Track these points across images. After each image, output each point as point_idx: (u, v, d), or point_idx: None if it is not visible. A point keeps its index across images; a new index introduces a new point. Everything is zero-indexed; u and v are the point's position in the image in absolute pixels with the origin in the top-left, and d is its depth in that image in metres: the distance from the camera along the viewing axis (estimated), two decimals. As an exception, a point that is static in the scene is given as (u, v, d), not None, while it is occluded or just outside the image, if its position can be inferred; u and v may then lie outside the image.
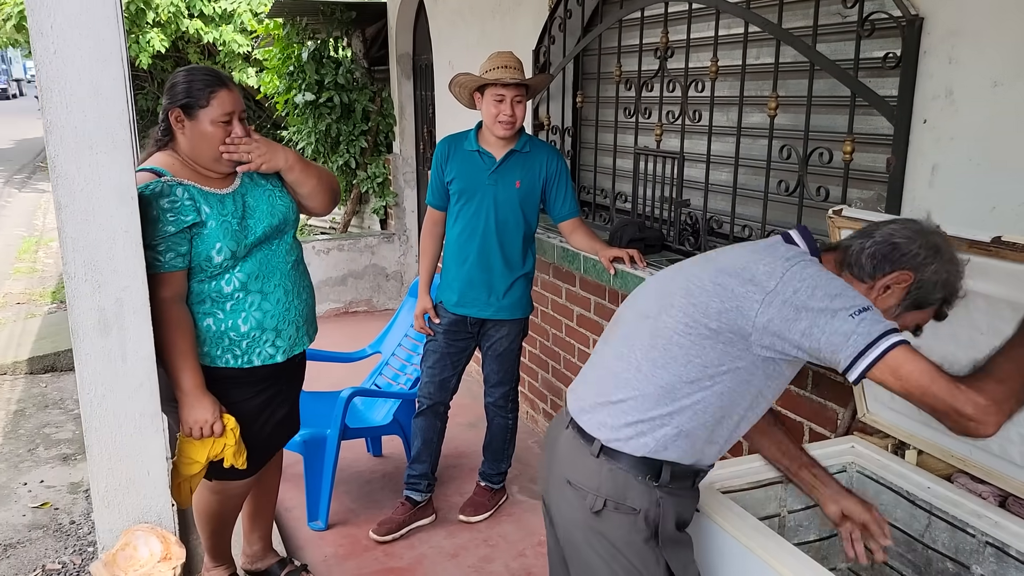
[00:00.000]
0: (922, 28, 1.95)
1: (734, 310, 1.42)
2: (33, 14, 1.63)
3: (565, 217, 2.98)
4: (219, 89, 2.04)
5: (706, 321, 1.44)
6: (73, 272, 1.76)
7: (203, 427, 2.02)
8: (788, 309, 1.37)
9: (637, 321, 1.58)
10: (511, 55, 2.81)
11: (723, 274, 1.47)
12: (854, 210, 1.81)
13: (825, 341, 1.33)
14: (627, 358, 1.54)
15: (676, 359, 1.47)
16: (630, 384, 1.51)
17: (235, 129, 2.07)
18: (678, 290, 1.52)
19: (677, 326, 1.48)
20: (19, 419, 4.13)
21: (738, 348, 1.43)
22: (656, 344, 1.50)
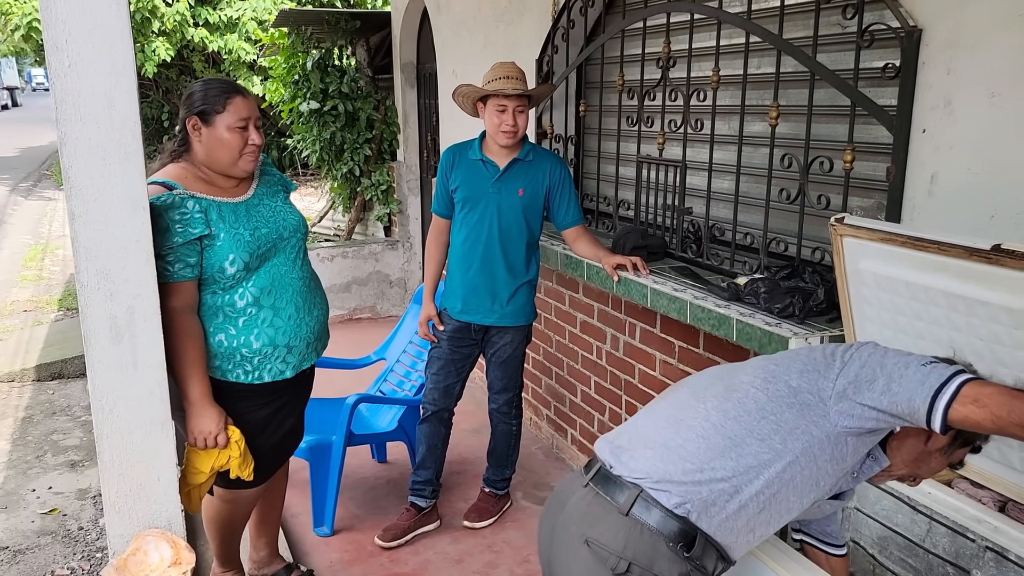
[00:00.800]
0: (920, 40, 1.98)
1: (814, 371, 1.42)
2: (49, 29, 1.67)
3: (569, 225, 3.01)
4: (235, 95, 2.09)
5: (787, 378, 1.43)
6: (86, 281, 1.79)
7: (207, 438, 2.04)
8: (867, 370, 1.38)
9: (707, 380, 1.55)
10: (513, 65, 2.84)
11: (799, 352, 1.50)
12: (856, 218, 1.84)
13: (902, 392, 1.33)
14: (694, 408, 1.49)
15: (750, 412, 1.43)
16: (694, 430, 1.45)
17: (251, 136, 2.11)
18: (753, 361, 1.53)
19: (755, 380, 1.46)
20: (27, 426, 4.16)
21: (815, 413, 1.41)
22: (731, 396, 1.46)
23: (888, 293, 1.78)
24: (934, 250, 1.61)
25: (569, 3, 3.53)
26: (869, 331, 1.89)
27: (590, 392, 3.57)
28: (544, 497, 3.47)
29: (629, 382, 3.25)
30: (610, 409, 3.41)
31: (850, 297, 1.90)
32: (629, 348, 3.22)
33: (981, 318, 1.63)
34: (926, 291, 1.68)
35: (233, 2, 11.77)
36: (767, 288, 2.28)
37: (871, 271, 1.80)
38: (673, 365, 2.94)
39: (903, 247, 1.67)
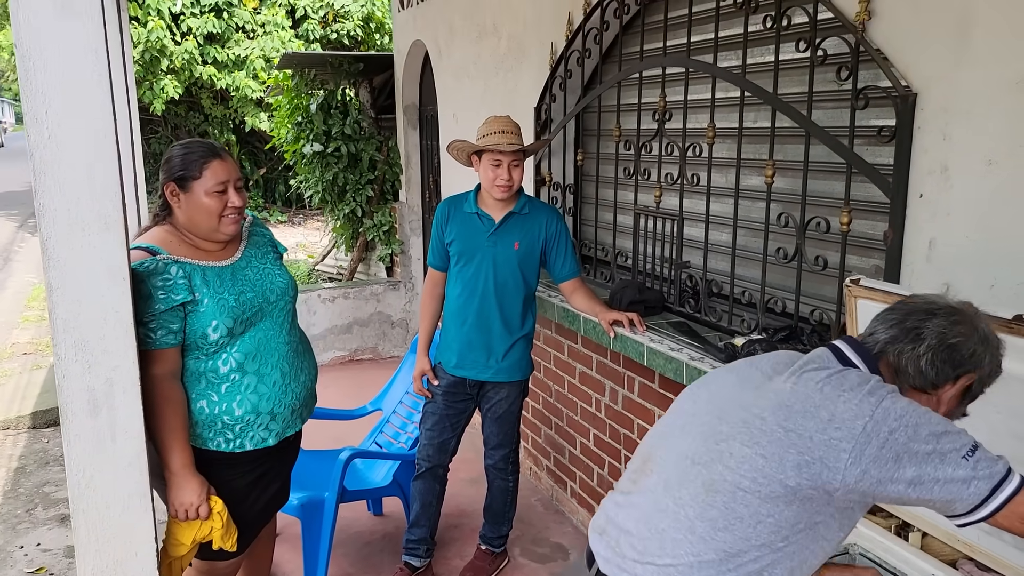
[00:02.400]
0: (916, 103, 1.94)
1: (817, 462, 1.22)
2: (28, 100, 1.65)
3: (566, 278, 2.97)
4: (211, 160, 2.05)
5: (782, 478, 1.24)
6: (63, 353, 1.75)
7: (189, 510, 1.99)
8: (887, 456, 1.19)
9: (681, 465, 1.36)
10: (508, 120, 2.82)
11: (793, 415, 1.26)
12: (872, 280, 1.79)
13: (940, 492, 1.19)
14: (674, 514, 1.33)
15: (742, 519, 1.26)
16: (681, 547, 1.30)
17: (231, 198, 2.08)
18: (735, 432, 1.31)
19: (742, 481, 1.26)
20: (19, 477, 4.11)
21: (818, 504, 1.25)
22: (714, 502, 1.28)
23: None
24: None
25: (566, 53, 3.53)
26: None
27: (589, 445, 3.50)
28: (543, 553, 3.39)
29: (628, 436, 3.18)
30: (609, 463, 3.34)
31: (862, 360, 1.84)
32: (628, 402, 3.16)
33: (998, 389, 1.58)
34: None
35: (241, 41, 11.93)
36: (764, 350, 2.22)
37: None
38: (671, 422, 2.87)
39: None
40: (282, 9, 12.07)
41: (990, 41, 1.78)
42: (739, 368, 1.47)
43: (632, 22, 3.28)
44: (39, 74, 1.63)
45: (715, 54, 2.65)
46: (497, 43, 4.25)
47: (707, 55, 2.74)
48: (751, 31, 2.52)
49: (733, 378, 1.44)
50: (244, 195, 2.14)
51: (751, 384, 1.39)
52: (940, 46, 1.89)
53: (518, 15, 4.00)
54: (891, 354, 1.35)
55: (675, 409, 1.51)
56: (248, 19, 11.98)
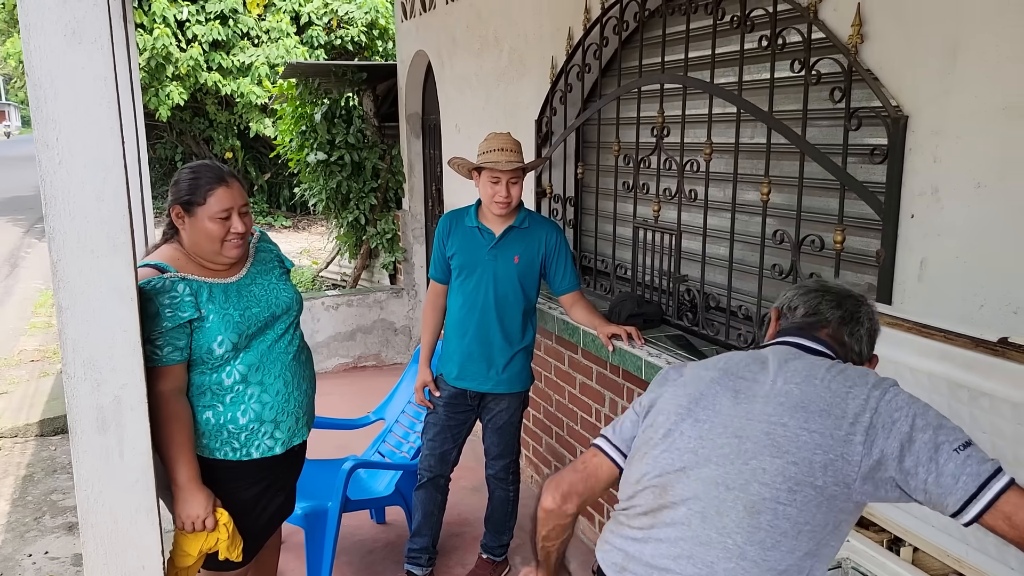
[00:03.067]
0: (907, 126, 1.98)
1: (839, 459, 1.26)
2: (39, 128, 1.69)
3: (566, 291, 3.00)
4: (216, 187, 2.09)
5: (811, 480, 1.27)
6: (72, 372, 1.80)
7: (195, 522, 2.03)
8: (892, 446, 1.24)
9: (714, 493, 1.33)
10: (508, 137, 2.86)
11: (812, 415, 1.29)
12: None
13: (932, 482, 1.22)
14: (721, 544, 1.30)
15: (787, 534, 1.27)
16: (734, 574, 1.28)
17: (234, 224, 2.11)
18: (761, 447, 1.31)
19: (779, 495, 1.27)
20: (27, 485, 4.16)
21: (842, 499, 1.28)
22: (759, 523, 1.28)
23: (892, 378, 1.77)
24: (940, 338, 1.62)
25: (566, 67, 3.57)
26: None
27: (589, 454, 3.53)
28: (543, 562, 3.42)
29: (627, 447, 3.21)
30: (609, 473, 3.37)
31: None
32: (627, 412, 3.19)
33: (984, 410, 1.62)
34: (929, 378, 1.67)
35: (246, 47, 12.00)
36: (760, 366, 2.26)
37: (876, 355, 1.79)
38: (670, 433, 2.90)
39: (909, 332, 1.67)
40: (286, 16, 12.15)
41: (979, 66, 1.82)
42: (715, 379, 1.44)
43: (631, 38, 3.32)
44: (50, 102, 1.68)
45: (712, 71, 2.69)
46: (499, 56, 4.29)
47: (704, 71, 2.78)
48: (747, 48, 2.56)
49: (722, 390, 1.42)
50: (249, 220, 2.17)
51: (745, 393, 1.39)
52: (931, 70, 1.93)
53: (520, 29, 4.05)
54: (845, 333, 1.47)
55: (669, 433, 1.43)
56: (253, 26, 12.07)
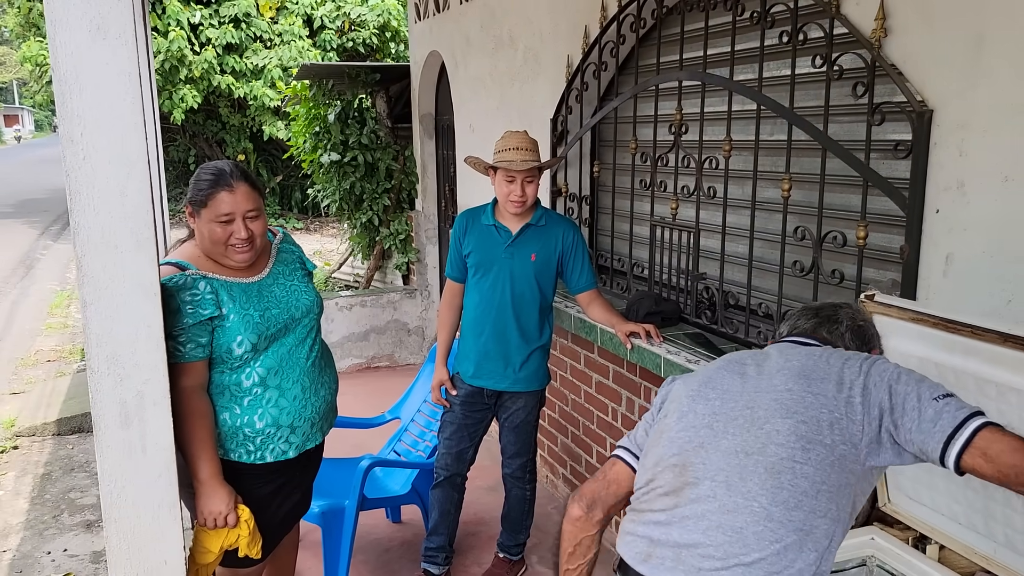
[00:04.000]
0: (932, 120, 1.96)
1: (843, 418, 1.35)
2: (64, 123, 1.70)
3: (582, 289, 3.00)
4: (219, 192, 2.05)
5: (820, 438, 1.34)
6: (96, 367, 1.80)
7: (217, 518, 2.04)
8: (884, 400, 1.34)
9: (735, 461, 1.38)
10: (524, 136, 2.85)
11: (815, 381, 1.39)
12: (887, 296, 1.81)
13: (916, 430, 1.31)
14: (747, 508, 1.34)
15: (807, 493, 1.32)
16: (764, 537, 1.32)
17: (237, 230, 2.08)
18: (771, 411, 1.39)
19: (795, 453, 1.34)
20: (45, 483, 4.18)
21: (851, 461, 1.34)
22: (781, 483, 1.33)
23: None
24: (967, 333, 1.60)
25: (582, 65, 3.57)
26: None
27: (606, 454, 3.52)
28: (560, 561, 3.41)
29: (645, 446, 3.20)
30: (626, 472, 3.36)
31: (875, 374, 1.87)
32: (644, 412, 3.18)
33: (1012, 405, 1.60)
34: (956, 374, 1.65)
35: (259, 50, 12.06)
36: (781, 363, 2.24)
37: (900, 350, 1.77)
38: (689, 432, 2.89)
39: (935, 328, 1.66)
40: (299, 19, 12.20)
41: (1005, 58, 1.80)
42: (721, 367, 1.55)
43: (648, 35, 3.31)
44: (75, 98, 1.68)
45: (731, 67, 2.68)
46: (514, 55, 4.29)
47: (723, 68, 2.77)
48: (767, 45, 2.55)
49: (729, 374, 1.52)
50: (259, 224, 2.12)
51: (751, 374, 1.48)
52: (956, 63, 1.91)
53: (535, 27, 4.04)
54: (823, 331, 1.58)
55: (683, 415, 1.49)
56: (266, 29, 12.12)
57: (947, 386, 1.66)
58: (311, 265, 2.39)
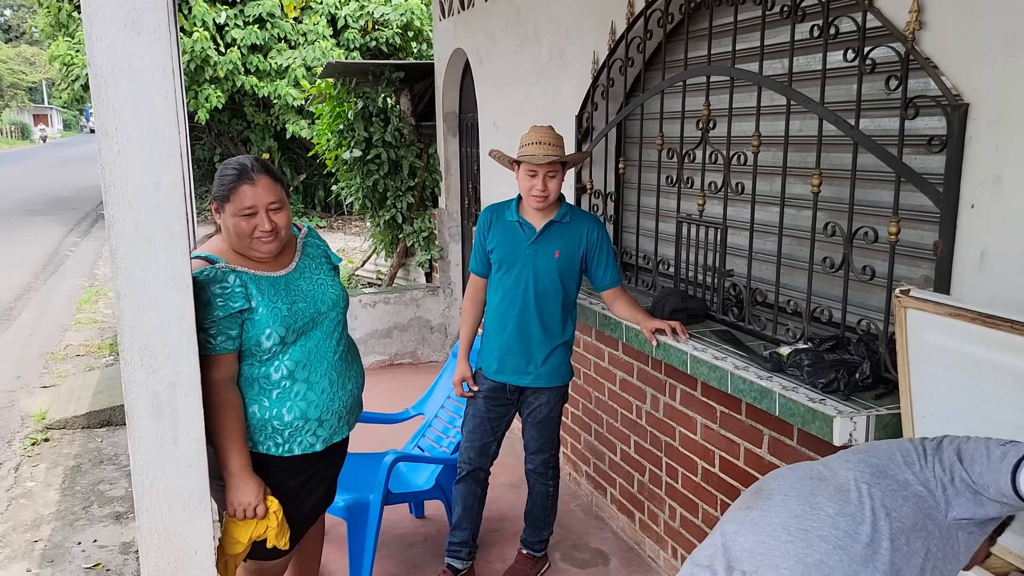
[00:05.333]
0: (967, 113, 1.93)
1: (916, 463, 1.40)
2: (100, 117, 1.73)
3: (607, 286, 2.98)
4: (241, 185, 2.08)
5: (893, 472, 1.40)
6: (129, 358, 1.82)
7: (247, 509, 2.05)
8: (954, 455, 1.37)
9: (807, 483, 1.43)
10: (548, 130, 2.84)
11: (885, 443, 1.49)
12: (922, 291, 1.79)
13: (987, 470, 1.32)
14: (813, 515, 1.37)
15: (875, 511, 1.34)
16: (828, 540, 1.32)
17: (260, 222, 2.10)
18: (844, 455, 1.47)
19: (863, 476, 1.40)
20: (75, 475, 4.24)
21: (928, 506, 1.37)
22: (848, 497, 1.37)
23: (952, 370, 1.73)
24: (1007, 328, 1.57)
25: (608, 61, 3.56)
26: (929, 409, 1.83)
27: (630, 451, 3.51)
28: (583, 559, 3.41)
29: (670, 444, 3.19)
30: (651, 470, 3.35)
31: (910, 372, 1.85)
32: (669, 410, 3.17)
33: (993, 385, 1.59)
34: (994, 370, 1.63)
35: (283, 50, 12.14)
36: (811, 360, 2.23)
37: (936, 346, 1.75)
38: (715, 430, 2.88)
39: (973, 323, 1.63)
40: (323, 19, 12.27)
41: (1044, 51, 1.77)
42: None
43: (676, 30, 3.29)
44: (110, 92, 1.71)
45: (760, 62, 2.66)
46: (539, 51, 4.29)
47: (752, 63, 2.75)
48: (797, 39, 2.52)
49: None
50: (282, 216, 2.14)
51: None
52: (993, 56, 1.88)
53: (560, 24, 4.04)
54: None
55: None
56: (290, 29, 12.20)
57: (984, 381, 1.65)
58: (336, 259, 2.41)
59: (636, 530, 3.49)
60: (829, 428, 2.00)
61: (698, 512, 3.02)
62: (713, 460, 2.90)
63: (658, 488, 3.30)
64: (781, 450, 2.51)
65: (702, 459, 2.97)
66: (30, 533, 3.63)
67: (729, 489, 2.81)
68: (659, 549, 3.32)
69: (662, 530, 3.29)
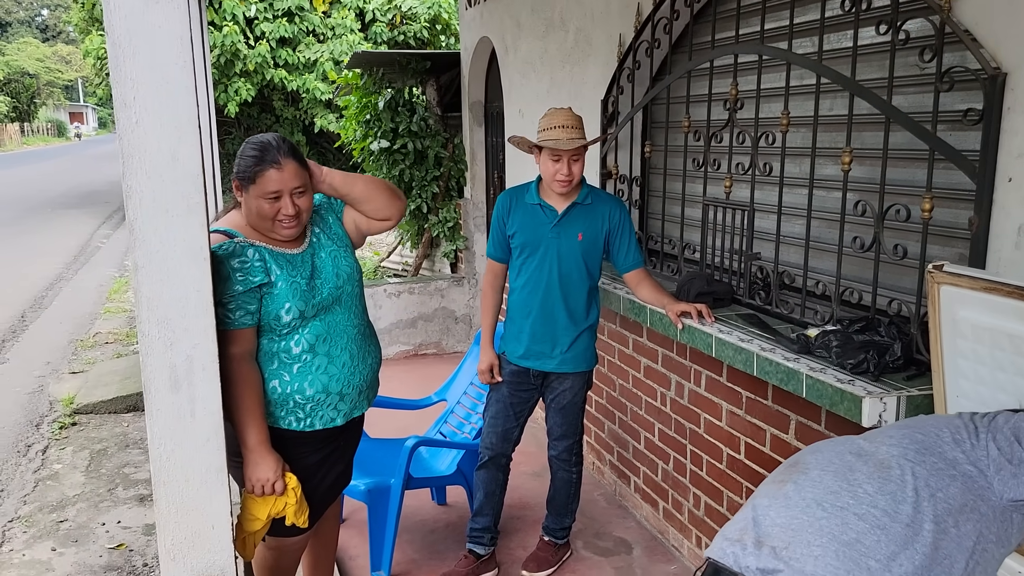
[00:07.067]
0: (1005, 84, 1.86)
1: (966, 441, 1.33)
2: (118, 87, 1.72)
3: (630, 268, 2.94)
4: (267, 169, 2.05)
5: (940, 450, 1.32)
6: (147, 330, 1.82)
7: (265, 485, 2.04)
8: (1008, 431, 1.30)
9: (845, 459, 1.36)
10: (568, 112, 2.80)
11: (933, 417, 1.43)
12: (956, 266, 1.73)
13: None
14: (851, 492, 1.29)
15: (918, 491, 1.27)
16: (866, 519, 1.24)
17: (284, 206, 2.07)
18: (887, 429, 1.40)
19: (907, 453, 1.32)
20: (101, 458, 4.29)
21: (979, 486, 1.29)
22: (889, 476, 1.29)
23: (988, 347, 1.67)
24: None
25: (635, 44, 3.50)
26: (963, 388, 1.77)
27: (654, 439, 3.47)
28: (606, 547, 3.37)
29: (695, 431, 3.14)
30: (675, 458, 3.30)
31: (943, 350, 1.78)
32: (694, 396, 3.12)
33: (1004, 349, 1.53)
34: None
35: (312, 44, 12.20)
36: (839, 342, 2.16)
37: (970, 322, 1.69)
38: (740, 416, 2.82)
39: (1009, 297, 1.57)
40: (351, 12, 12.31)
41: (1087, 16, 1.70)
42: None
43: (703, 11, 3.23)
44: (128, 61, 1.70)
45: (790, 41, 2.60)
46: (564, 36, 4.24)
47: (781, 42, 2.68)
48: (828, 16, 2.46)
49: None
50: (306, 200, 2.11)
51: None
52: (1032, 23, 1.81)
53: (586, 8, 3.99)
54: None
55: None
56: (318, 23, 12.25)
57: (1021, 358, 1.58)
58: (339, 204, 2.33)
59: (660, 519, 3.45)
60: (858, 409, 1.94)
61: (723, 500, 2.97)
62: (738, 447, 2.84)
63: (682, 476, 3.24)
64: (808, 435, 2.45)
65: (727, 446, 2.92)
66: (56, 514, 3.68)
67: (754, 476, 2.76)
68: (683, 538, 3.27)
69: (686, 519, 3.24)
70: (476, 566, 3.10)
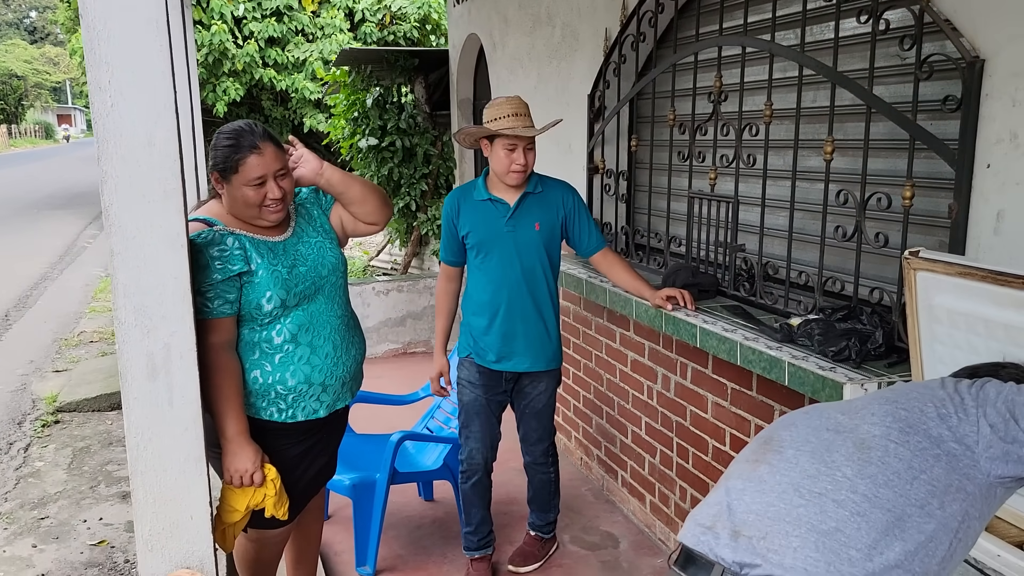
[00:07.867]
0: (983, 70, 1.87)
1: (952, 416, 1.24)
2: (92, 70, 1.70)
3: (594, 250, 2.90)
4: (248, 156, 2.04)
5: (925, 427, 1.23)
6: (123, 318, 1.80)
7: (243, 476, 2.02)
8: (1006, 404, 1.23)
9: (822, 436, 1.28)
10: (520, 101, 2.72)
11: (919, 384, 1.33)
12: (932, 252, 1.73)
13: None
14: (828, 475, 1.22)
15: (899, 474, 1.19)
16: (845, 506, 1.18)
17: (270, 190, 2.06)
18: (869, 401, 1.32)
19: (890, 432, 1.23)
20: (84, 456, 4.26)
21: (965, 464, 1.21)
22: (870, 457, 1.21)
23: (964, 332, 1.67)
24: (1018, 285, 1.51)
25: (620, 38, 3.51)
26: (940, 372, 1.76)
27: (641, 433, 3.46)
28: (593, 541, 3.36)
29: (681, 424, 3.14)
30: (661, 452, 3.30)
31: (921, 336, 1.78)
32: (680, 389, 3.11)
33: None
34: (1007, 330, 1.57)
35: (300, 43, 12.17)
36: (821, 330, 2.17)
37: (946, 308, 1.69)
38: (725, 408, 2.82)
39: (984, 282, 1.57)
40: (340, 12, 12.28)
41: (1064, 2, 1.70)
42: None
43: (688, 5, 3.24)
44: (103, 44, 1.68)
45: (772, 33, 2.60)
46: (551, 32, 4.25)
47: (764, 35, 2.69)
48: (809, 8, 2.46)
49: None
50: (288, 182, 2.11)
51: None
52: (1009, 9, 1.82)
53: (572, 3, 3.99)
54: None
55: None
56: (307, 23, 12.22)
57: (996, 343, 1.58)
58: (328, 200, 2.31)
59: (647, 513, 3.44)
60: (839, 396, 1.94)
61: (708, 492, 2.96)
62: (724, 438, 2.84)
63: (669, 469, 3.24)
64: (791, 426, 2.45)
65: (713, 438, 2.92)
66: (37, 511, 3.64)
67: (739, 468, 2.75)
68: (670, 532, 3.26)
69: (672, 512, 3.23)
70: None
